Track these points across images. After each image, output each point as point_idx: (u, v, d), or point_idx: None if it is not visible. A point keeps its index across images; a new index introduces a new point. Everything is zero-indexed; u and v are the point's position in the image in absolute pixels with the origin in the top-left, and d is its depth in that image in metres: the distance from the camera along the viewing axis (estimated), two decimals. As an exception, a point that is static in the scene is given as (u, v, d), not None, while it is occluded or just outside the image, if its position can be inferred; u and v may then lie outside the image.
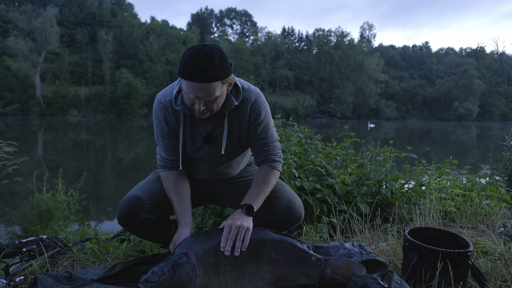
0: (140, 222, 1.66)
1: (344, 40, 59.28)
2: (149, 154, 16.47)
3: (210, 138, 1.66)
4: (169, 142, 1.68)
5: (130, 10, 63.64)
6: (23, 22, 44.63)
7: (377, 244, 2.28)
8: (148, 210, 1.66)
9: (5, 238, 4.08)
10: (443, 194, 2.92)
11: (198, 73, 1.37)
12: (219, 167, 1.78)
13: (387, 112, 62.52)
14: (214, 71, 1.38)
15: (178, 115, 1.63)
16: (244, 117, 1.64)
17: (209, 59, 1.37)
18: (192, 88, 1.41)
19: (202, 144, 1.68)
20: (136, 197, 1.66)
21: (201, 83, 1.39)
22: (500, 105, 66.92)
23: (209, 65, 1.37)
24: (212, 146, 1.69)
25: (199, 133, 1.66)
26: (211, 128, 1.65)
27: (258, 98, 1.65)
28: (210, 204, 2.22)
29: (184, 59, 1.39)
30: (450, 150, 18.51)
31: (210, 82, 1.39)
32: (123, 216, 1.66)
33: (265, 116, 1.67)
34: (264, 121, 1.67)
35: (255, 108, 1.63)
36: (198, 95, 1.42)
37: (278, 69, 61.51)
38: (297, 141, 3.14)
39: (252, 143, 1.72)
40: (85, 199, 4.54)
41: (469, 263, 1.61)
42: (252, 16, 78.39)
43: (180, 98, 1.56)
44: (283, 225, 1.73)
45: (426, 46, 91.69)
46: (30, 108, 42.66)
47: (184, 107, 1.55)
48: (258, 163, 1.75)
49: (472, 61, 66.04)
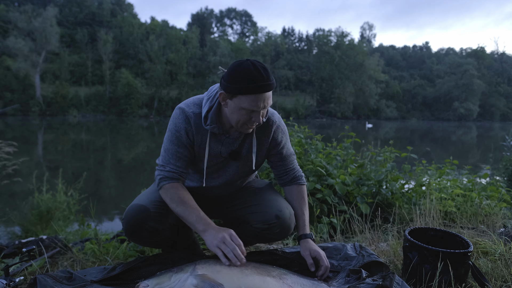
0: (147, 231, 1.63)
1: (344, 40, 59.31)
2: (149, 154, 16.47)
3: (236, 155, 1.71)
4: (184, 151, 1.64)
5: (130, 10, 63.67)
6: (23, 22, 44.66)
7: (378, 245, 2.28)
8: (154, 219, 1.63)
9: (5, 238, 4.08)
10: (444, 194, 2.92)
11: (263, 84, 1.43)
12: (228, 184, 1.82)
13: (387, 112, 62.53)
14: (271, 79, 1.47)
15: (201, 130, 1.64)
16: (267, 138, 1.72)
17: (265, 69, 1.46)
18: (258, 100, 1.45)
19: (223, 160, 1.72)
20: (141, 206, 1.64)
21: (266, 93, 1.46)
22: (501, 105, 66.94)
23: (268, 74, 1.46)
24: (235, 162, 1.74)
25: (225, 150, 1.69)
26: (237, 144, 1.69)
27: (280, 121, 1.78)
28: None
29: (241, 75, 1.43)
30: (451, 150, 18.51)
31: (271, 91, 1.49)
32: (130, 227, 1.62)
33: (286, 138, 1.81)
34: (287, 142, 1.80)
35: (278, 133, 1.75)
36: (265, 105, 1.48)
37: (278, 69, 61.50)
38: (297, 141, 3.14)
39: (277, 164, 1.81)
40: (85, 199, 4.53)
41: (469, 264, 1.61)
42: (252, 16, 78.49)
43: (211, 117, 1.58)
44: (271, 236, 1.72)
45: (427, 46, 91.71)
46: (30, 108, 42.68)
47: (214, 127, 1.59)
48: (286, 182, 1.84)
49: (472, 61, 66.06)
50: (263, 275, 1.42)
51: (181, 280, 1.35)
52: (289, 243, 2.37)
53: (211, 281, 1.34)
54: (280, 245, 2.38)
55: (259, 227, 1.71)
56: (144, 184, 7.38)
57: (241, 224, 1.82)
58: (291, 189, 1.83)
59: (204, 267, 1.42)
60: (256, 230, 1.73)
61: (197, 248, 2.02)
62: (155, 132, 31.16)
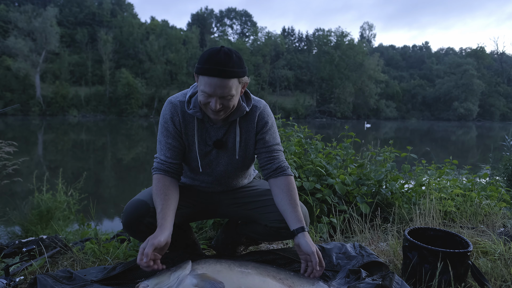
0: (145, 227, 1.64)
1: (344, 40, 59.29)
2: (149, 154, 16.46)
3: (220, 143, 1.68)
4: (173, 142, 1.66)
5: (130, 10, 63.65)
6: (23, 22, 44.64)
7: (377, 244, 2.28)
8: (153, 215, 1.62)
9: (5, 238, 4.08)
10: (443, 194, 2.92)
11: (219, 68, 1.41)
12: (224, 178, 1.78)
13: (387, 112, 62.54)
14: (233, 67, 1.44)
15: (187, 118, 1.64)
16: (252, 124, 1.68)
17: (229, 56, 1.43)
18: (211, 84, 1.44)
19: (212, 149, 1.70)
20: (141, 201, 1.65)
21: (221, 79, 1.43)
22: (500, 105, 66.94)
23: (228, 62, 1.42)
24: (221, 151, 1.71)
25: (210, 138, 1.68)
26: (221, 134, 1.67)
27: (266, 107, 1.73)
28: (212, 218, 2.10)
29: (204, 57, 1.45)
30: (450, 150, 18.52)
31: (229, 79, 1.44)
32: (128, 220, 1.64)
33: (272, 123, 1.74)
34: (271, 129, 1.73)
35: (263, 116, 1.70)
36: (217, 91, 1.45)
37: (278, 69, 61.52)
38: (297, 141, 3.14)
39: (261, 150, 1.72)
40: (85, 199, 4.54)
41: (469, 263, 1.61)
42: (252, 16, 78.45)
43: (193, 101, 1.58)
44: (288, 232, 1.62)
45: (426, 46, 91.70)
46: (30, 108, 42.66)
47: (196, 111, 1.57)
48: (270, 172, 1.70)
49: (472, 61, 66.06)
50: (263, 275, 1.43)
51: (180, 278, 1.36)
52: (289, 243, 2.37)
53: (212, 280, 1.34)
54: (280, 245, 2.39)
55: (276, 226, 1.71)
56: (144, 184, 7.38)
57: (253, 223, 1.84)
58: (278, 181, 1.68)
59: (204, 267, 1.43)
60: (272, 229, 1.73)
61: (197, 248, 2.02)
62: (155, 132, 31.15)
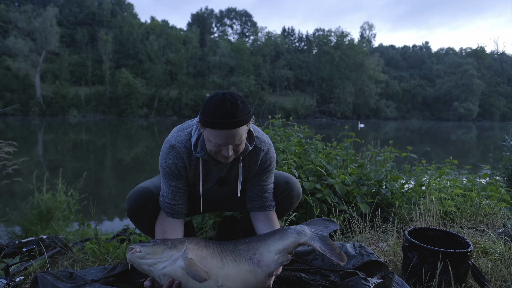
0: (149, 212, 1.69)
1: (344, 40, 59.26)
2: (149, 154, 16.47)
3: (222, 181, 1.72)
4: (177, 184, 1.66)
5: (130, 10, 63.59)
6: (23, 22, 44.61)
7: (377, 244, 2.28)
8: (156, 201, 1.69)
9: (5, 238, 4.08)
10: (443, 194, 2.92)
11: (228, 121, 1.39)
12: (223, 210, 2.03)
13: (387, 112, 62.51)
14: (241, 116, 1.42)
15: (193, 160, 1.63)
16: (254, 165, 1.70)
17: (235, 105, 1.41)
18: (221, 136, 1.42)
19: (214, 185, 1.73)
20: (145, 188, 1.71)
21: (231, 130, 1.41)
22: (500, 105, 66.90)
23: (236, 111, 1.40)
24: (223, 188, 1.75)
25: (213, 175, 1.70)
26: (224, 172, 1.69)
27: (269, 149, 1.73)
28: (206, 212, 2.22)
29: (210, 110, 1.41)
30: (450, 150, 18.50)
31: (239, 128, 1.42)
32: (132, 206, 1.69)
33: (274, 165, 1.77)
34: (272, 170, 1.77)
35: (267, 159, 1.71)
36: (229, 141, 1.44)
37: (278, 69, 61.44)
38: (297, 141, 3.14)
39: (255, 186, 1.74)
40: (85, 199, 4.54)
41: (469, 263, 1.61)
42: (252, 16, 78.39)
43: (200, 144, 1.57)
44: (285, 206, 1.84)
45: (426, 46, 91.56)
46: (30, 108, 42.65)
47: (204, 153, 1.57)
48: (255, 208, 1.76)
49: (472, 61, 66.00)
50: (237, 262, 1.44)
51: (173, 258, 1.39)
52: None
53: (196, 269, 1.37)
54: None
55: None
56: (144, 184, 7.34)
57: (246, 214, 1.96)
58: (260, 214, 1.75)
59: (194, 250, 1.44)
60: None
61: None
62: (155, 132, 31.15)
